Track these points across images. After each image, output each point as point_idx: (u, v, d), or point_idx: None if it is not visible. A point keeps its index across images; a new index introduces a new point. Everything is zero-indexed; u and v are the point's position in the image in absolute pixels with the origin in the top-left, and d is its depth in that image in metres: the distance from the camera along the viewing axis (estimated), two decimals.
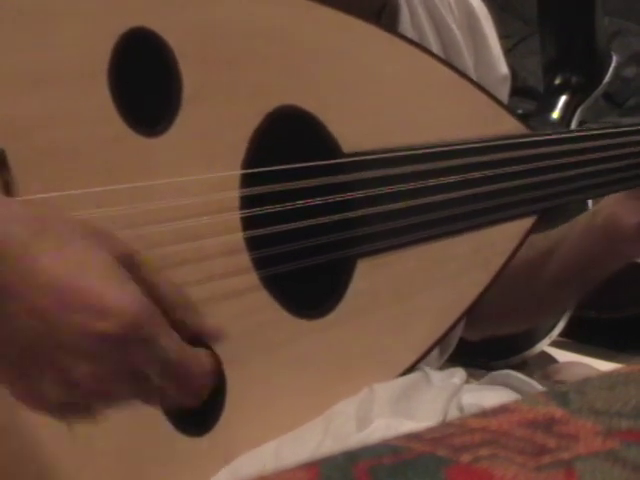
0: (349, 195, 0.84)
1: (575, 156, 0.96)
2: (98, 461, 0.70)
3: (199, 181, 0.75)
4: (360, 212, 0.84)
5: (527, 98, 2.34)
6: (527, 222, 0.96)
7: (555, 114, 2.17)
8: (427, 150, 0.89)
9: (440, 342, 0.94)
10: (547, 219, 0.99)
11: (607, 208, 0.98)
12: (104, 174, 0.69)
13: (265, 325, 0.79)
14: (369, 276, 0.86)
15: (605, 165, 0.97)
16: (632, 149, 0.98)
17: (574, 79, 2.18)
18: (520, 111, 2.20)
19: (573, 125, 2.17)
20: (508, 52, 1.13)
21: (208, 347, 0.75)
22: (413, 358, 0.90)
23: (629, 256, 0.99)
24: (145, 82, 0.74)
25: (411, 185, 0.87)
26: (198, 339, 0.59)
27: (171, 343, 0.55)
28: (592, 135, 0.99)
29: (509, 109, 0.97)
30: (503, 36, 1.13)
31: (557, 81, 2.21)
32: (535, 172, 0.94)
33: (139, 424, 0.72)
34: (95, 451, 0.70)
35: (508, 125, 0.95)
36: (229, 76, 0.78)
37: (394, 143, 0.87)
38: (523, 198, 0.94)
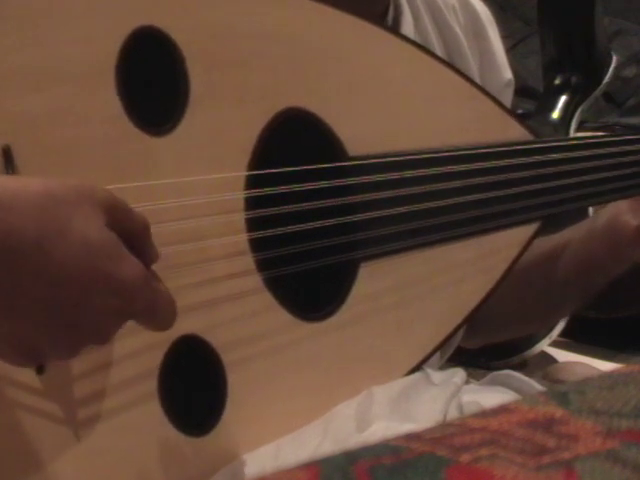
0: (354, 198, 0.84)
1: (580, 163, 0.95)
2: (99, 461, 0.70)
3: (204, 181, 0.75)
4: (364, 215, 0.84)
5: (527, 98, 2.34)
6: (530, 229, 0.96)
7: (555, 114, 2.17)
8: (432, 155, 0.88)
9: (441, 347, 0.94)
10: (549, 225, 0.98)
11: (608, 212, 0.98)
12: (109, 172, 0.69)
13: (267, 327, 0.79)
14: (372, 280, 0.86)
15: (610, 172, 0.96)
16: (637, 157, 0.97)
17: (574, 79, 2.18)
18: (520, 111, 2.21)
19: (573, 125, 2.17)
20: (508, 52, 1.13)
21: (204, 342, 0.75)
22: (414, 362, 0.90)
23: (631, 259, 0.98)
24: (153, 81, 0.74)
25: (416, 189, 0.87)
26: None
27: (160, 290, 0.65)
28: (597, 142, 0.98)
29: (515, 116, 0.97)
30: (503, 36, 1.12)
31: (557, 81, 2.21)
32: (539, 179, 0.93)
33: (140, 424, 0.72)
34: (96, 451, 0.70)
35: (514, 131, 0.95)
36: (237, 77, 0.77)
37: (400, 147, 0.87)
38: (527, 204, 0.94)
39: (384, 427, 0.77)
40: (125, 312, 0.63)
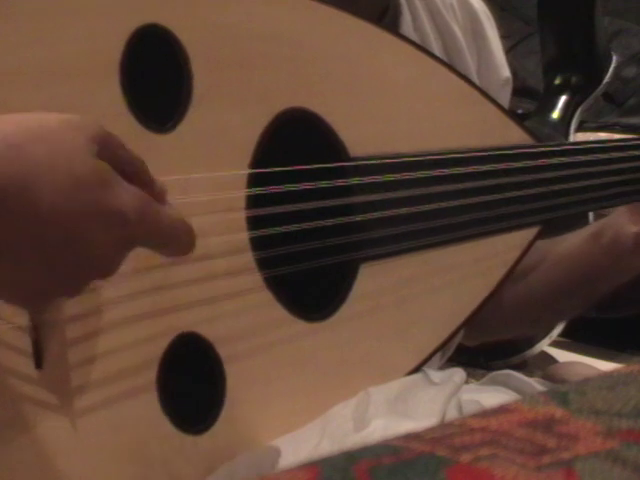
0: (355, 199, 0.84)
1: (581, 168, 0.95)
2: (95, 457, 0.70)
3: (206, 179, 0.75)
4: (365, 216, 0.85)
5: (527, 98, 2.34)
6: (530, 233, 0.96)
7: (555, 114, 2.17)
8: (433, 157, 0.89)
9: (440, 349, 0.94)
10: (550, 228, 0.98)
11: (611, 222, 0.97)
12: None
13: (267, 326, 0.80)
14: (372, 281, 0.86)
15: (612, 178, 0.96)
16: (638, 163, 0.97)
17: (574, 79, 2.18)
18: (520, 111, 2.21)
19: (573, 125, 2.17)
20: (508, 52, 1.13)
21: (204, 340, 0.75)
22: (413, 364, 0.90)
23: (635, 269, 0.97)
24: (156, 79, 0.74)
25: (416, 191, 0.87)
26: None
27: (164, 213, 0.63)
28: (598, 147, 0.98)
29: (516, 119, 0.97)
30: (503, 36, 1.12)
31: (557, 81, 2.21)
32: (540, 183, 0.93)
33: (139, 423, 0.72)
34: (92, 447, 0.70)
35: (514, 135, 0.95)
36: (239, 77, 0.78)
37: (401, 149, 0.87)
38: (527, 208, 0.94)
39: (382, 426, 0.77)
40: (127, 239, 0.61)
